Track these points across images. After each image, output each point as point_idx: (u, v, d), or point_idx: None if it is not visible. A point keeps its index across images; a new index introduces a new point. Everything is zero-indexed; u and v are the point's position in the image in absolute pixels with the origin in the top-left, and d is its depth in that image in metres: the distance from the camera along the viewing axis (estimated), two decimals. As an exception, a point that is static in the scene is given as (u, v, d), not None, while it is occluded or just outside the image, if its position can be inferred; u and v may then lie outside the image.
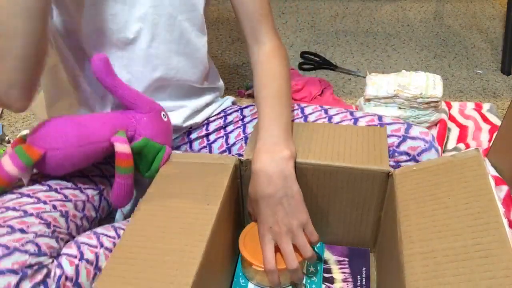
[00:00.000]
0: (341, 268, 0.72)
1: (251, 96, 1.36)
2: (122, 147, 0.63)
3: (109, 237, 0.64)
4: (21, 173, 0.59)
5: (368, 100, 1.11)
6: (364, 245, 0.75)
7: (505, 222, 0.46)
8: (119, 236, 0.65)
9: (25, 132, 1.25)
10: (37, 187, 0.63)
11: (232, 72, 1.48)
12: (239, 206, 0.74)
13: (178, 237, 0.55)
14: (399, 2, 1.86)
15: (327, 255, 0.75)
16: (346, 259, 0.74)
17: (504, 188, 0.91)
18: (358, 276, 0.71)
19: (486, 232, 0.47)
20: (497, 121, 1.15)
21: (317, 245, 0.75)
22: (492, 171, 0.94)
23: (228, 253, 0.68)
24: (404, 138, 0.73)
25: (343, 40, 1.63)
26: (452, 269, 0.46)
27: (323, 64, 1.49)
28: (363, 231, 0.73)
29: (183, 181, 0.64)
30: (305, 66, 1.49)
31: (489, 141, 1.08)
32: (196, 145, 0.89)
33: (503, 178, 0.93)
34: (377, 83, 1.10)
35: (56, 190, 0.64)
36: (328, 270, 0.72)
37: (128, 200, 0.66)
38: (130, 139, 0.67)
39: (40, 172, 0.64)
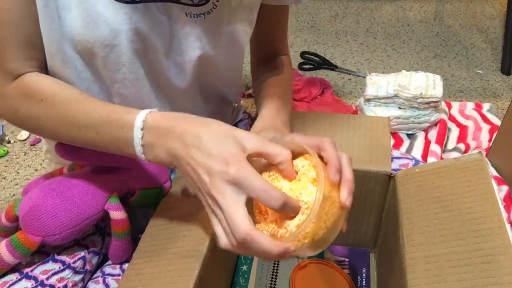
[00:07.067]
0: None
1: (251, 96, 1.35)
2: (117, 214, 0.62)
3: (114, 275, 0.65)
4: (19, 260, 0.60)
5: (368, 100, 1.11)
6: (365, 246, 0.75)
7: (508, 227, 0.46)
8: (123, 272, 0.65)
9: (24, 134, 1.25)
10: (35, 257, 0.62)
11: (232, 72, 1.48)
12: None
13: (180, 244, 0.55)
14: (399, 2, 1.86)
15: (327, 255, 0.74)
16: (346, 259, 0.74)
17: (504, 188, 0.91)
18: (358, 277, 0.71)
19: (489, 238, 0.47)
20: (497, 121, 1.15)
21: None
22: (492, 171, 0.94)
23: (229, 253, 0.68)
24: None
25: (343, 40, 1.63)
26: (455, 274, 0.46)
27: (323, 64, 1.49)
28: (364, 231, 0.73)
29: (184, 188, 0.65)
30: (305, 66, 1.48)
31: (489, 141, 1.08)
32: None
33: (503, 178, 0.93)
34: (377, 83, 1.10)
35: (53, 258, 0.62)
36: (329, 272, 0.72)
37: (125, 257, 0.66)
38: (126, 196, 0.66)
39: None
